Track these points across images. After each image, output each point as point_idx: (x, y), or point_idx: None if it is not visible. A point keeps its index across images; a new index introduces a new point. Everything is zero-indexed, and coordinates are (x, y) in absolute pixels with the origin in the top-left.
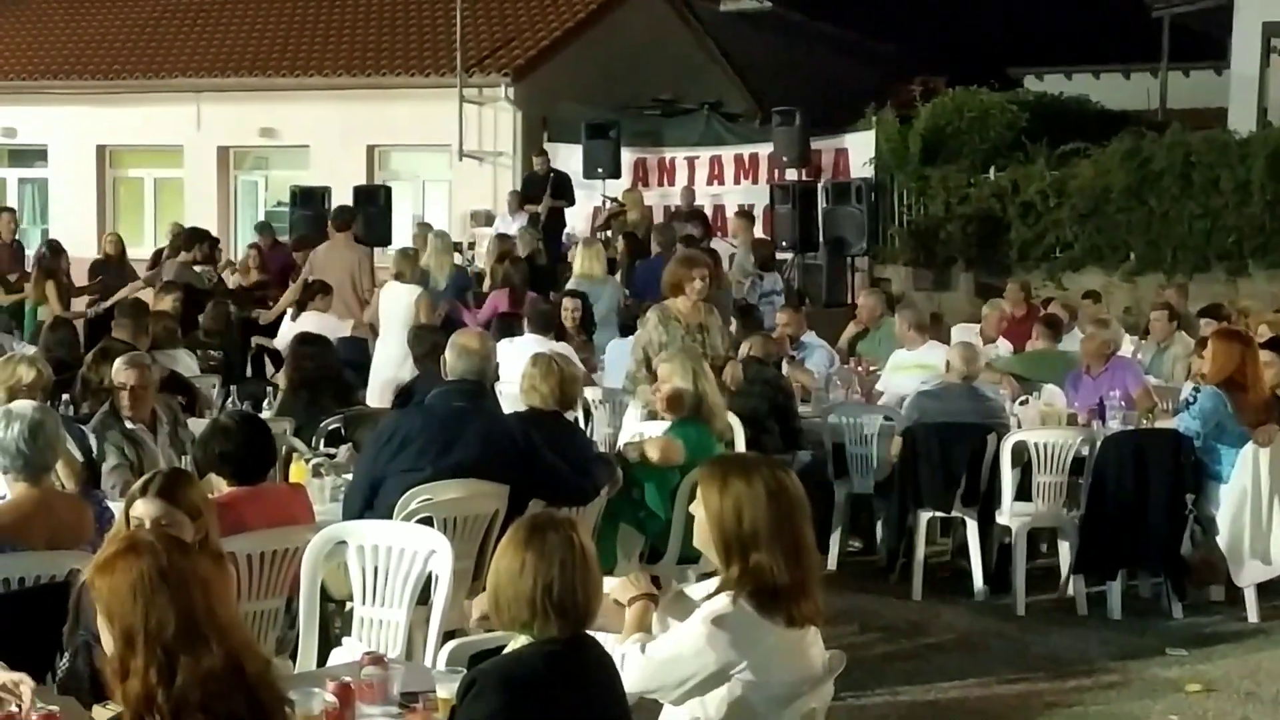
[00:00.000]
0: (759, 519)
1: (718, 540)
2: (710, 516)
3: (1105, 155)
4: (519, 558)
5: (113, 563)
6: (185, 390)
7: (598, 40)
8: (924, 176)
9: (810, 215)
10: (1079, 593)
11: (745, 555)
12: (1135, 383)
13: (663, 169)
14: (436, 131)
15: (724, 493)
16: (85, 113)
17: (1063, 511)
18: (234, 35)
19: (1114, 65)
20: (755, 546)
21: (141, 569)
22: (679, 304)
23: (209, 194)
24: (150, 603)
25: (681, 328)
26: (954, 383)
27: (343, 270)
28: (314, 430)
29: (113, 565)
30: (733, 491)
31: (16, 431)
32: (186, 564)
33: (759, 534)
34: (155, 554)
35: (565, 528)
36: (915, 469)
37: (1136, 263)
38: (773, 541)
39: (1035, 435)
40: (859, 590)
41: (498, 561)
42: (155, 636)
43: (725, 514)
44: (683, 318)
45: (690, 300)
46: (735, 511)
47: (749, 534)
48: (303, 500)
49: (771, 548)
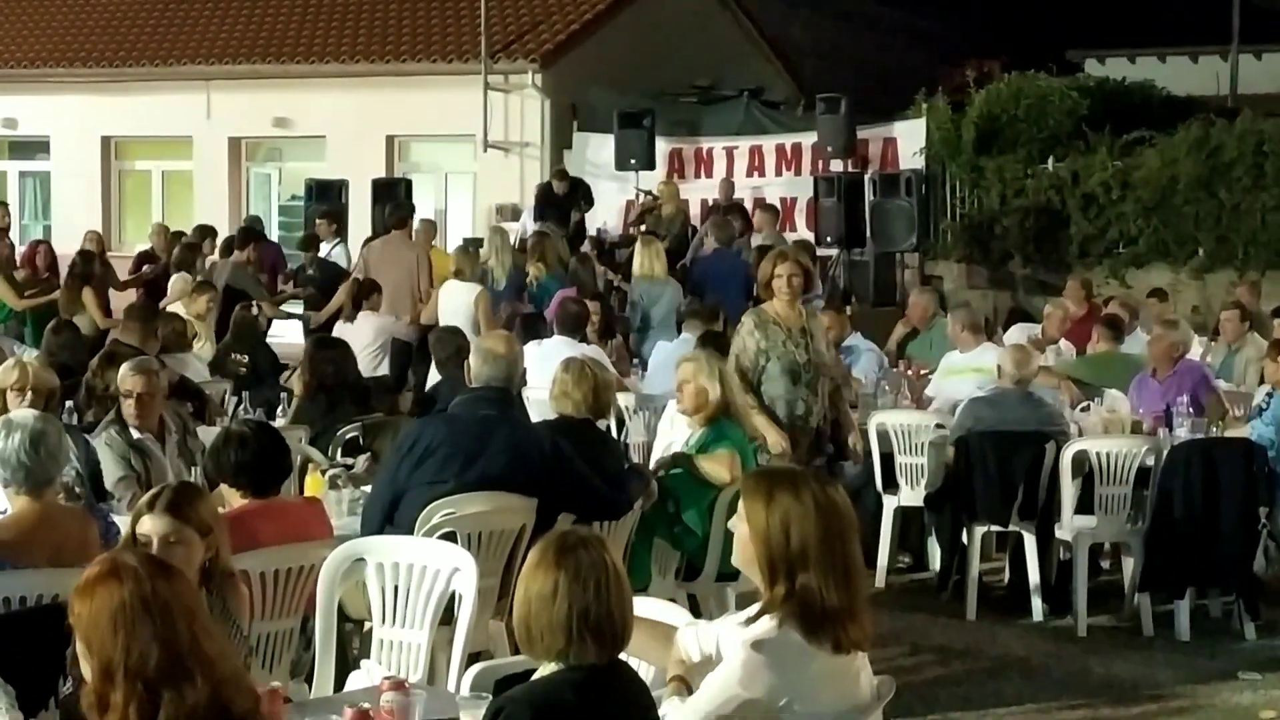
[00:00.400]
0: (808, 537)
1: (763, 559)
2: (755, 534)
3: (1172, 144)
4: (550, 581)
5: (92, 587)
6: (195, 396)
7: (630, 23)
8: (978, 167)
9: (856, 209)
10: (1144, 613)
11: (792, 576)
12: (1204, 388)
13: (700, 160)
14: (460, 121)
15: (770, 508)
16: (89, 102)
17: (1127, 526)
18: (246, 20)
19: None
20: (803, 567)
21: (123, 596)
22: (775, 306)
23: (219, 187)
24: (132, 634)
25: (782, 332)
26: (1009, 388)
27: (400, 269)
28: (331, 438)
29: (92, 590)
30: (780, 507)
31: (17, 442)
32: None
33: (808, 553)
34: (138, 579)
35: (596, 547)
36: (969, 480)
37: (1206, 259)
38: (822, 562)
39: (1097, 444)
40: (909, 610)
41: (526, 585)
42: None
43: (772, 531)
44: (782, 321)
45: (785, 300)
46: (783, 529)
47: (797, 553)
48: (319, 515)
49: (821, 568)
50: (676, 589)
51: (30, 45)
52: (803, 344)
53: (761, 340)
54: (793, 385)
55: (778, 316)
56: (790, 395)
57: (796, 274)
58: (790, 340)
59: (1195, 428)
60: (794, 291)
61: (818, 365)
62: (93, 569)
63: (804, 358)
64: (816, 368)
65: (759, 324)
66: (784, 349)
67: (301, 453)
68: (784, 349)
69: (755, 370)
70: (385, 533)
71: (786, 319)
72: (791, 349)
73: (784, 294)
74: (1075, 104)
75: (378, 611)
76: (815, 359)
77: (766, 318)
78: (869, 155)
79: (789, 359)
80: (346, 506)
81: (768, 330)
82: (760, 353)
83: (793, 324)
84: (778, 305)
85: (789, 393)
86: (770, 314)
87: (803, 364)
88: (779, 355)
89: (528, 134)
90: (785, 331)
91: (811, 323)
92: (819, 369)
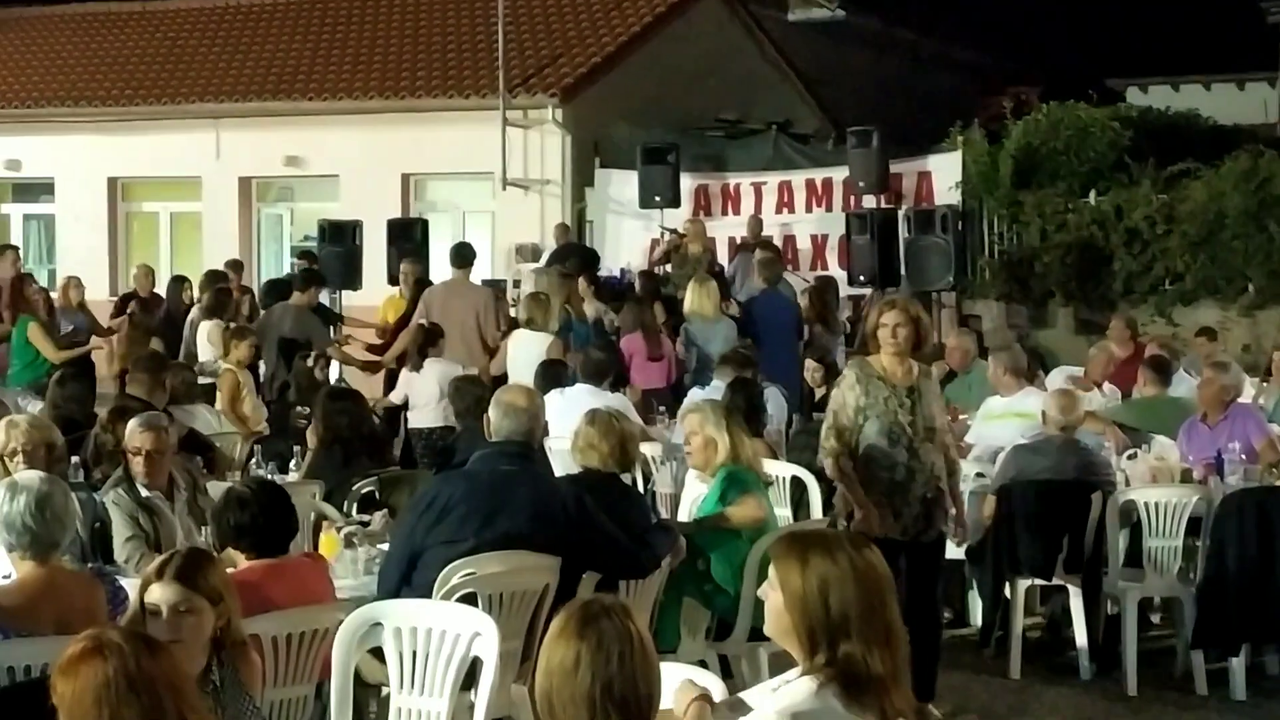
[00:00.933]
0: (848, 602)
1: (800, 627)
2: (791, 600)
3: (1219, 176)
4: (572, 652)
5: (75, 666)
6: (205, 450)
7: (654, 56)
8: (1017, 202)
9: (890, 246)
10: (1197, 670)
11: (834, 644)
12: (1257, 433)
13: (726, 196)
14: (478, 158)
15: (806, 572)
16: (95, 142)
17: (1177, 579)
18: (255, 57)
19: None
20: (845, 635)
21: (107, 674)
22: (883, 359)
23: (229, 229)
24: (116, 714)
25: (886, 389)
26: (1053, 435)
27: (466, 313)
28: (346, 493)
29: (75, 669)
30: (816, 571)
31: (22, 505)
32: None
33: (849, 619)
34: (123, 657)
35: (621, 615)
36: (1012, 531)
37: (1256, 295)
38: (865, 628)
39: (1145, 494)
40: (950, 667)
41: (548, 657)
42: None
43: (809, 597)
44: (887, 376)
45: (891, 353)
46: (821, 594)
47: (838, 621)
48: (321, 573)
49: (863, 635)
50: (707, 650)
51: (34, 84)
52: (908, 404)
53: (862, 396)
54: (890, 448)
55: (883, 371)
56: (887, 460)
57: (903, 324)
58: (894, 398)
59: (1248, 476)
60: (899, 345)
61: (926, 429)
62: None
63: (908, 419)
64: (924, 431)
65: (861, 378)
66: (885, 408)
67: (315, 509)
68: (885, 408)
69: (853, 429)
70: (402, 594)
71: (893, 376)
72: (894, 408)
73: (889, 346)
74: (1117, 135)
75: (395, 678)
76: (923, 421)
77: (871, 371)
78: (903, 190)
79: (889, 419)
80: (363, 566)
81: (869, 385)
82: (859, 410)
83: (899, 380)
84: (884, 358)
85: (885, 456)
86: (876, 368)
87: (905, 425)
88: (879, 414)
89: (548, 171)
90: (889, 388)
91: (923, 382)
92: (928, 433)
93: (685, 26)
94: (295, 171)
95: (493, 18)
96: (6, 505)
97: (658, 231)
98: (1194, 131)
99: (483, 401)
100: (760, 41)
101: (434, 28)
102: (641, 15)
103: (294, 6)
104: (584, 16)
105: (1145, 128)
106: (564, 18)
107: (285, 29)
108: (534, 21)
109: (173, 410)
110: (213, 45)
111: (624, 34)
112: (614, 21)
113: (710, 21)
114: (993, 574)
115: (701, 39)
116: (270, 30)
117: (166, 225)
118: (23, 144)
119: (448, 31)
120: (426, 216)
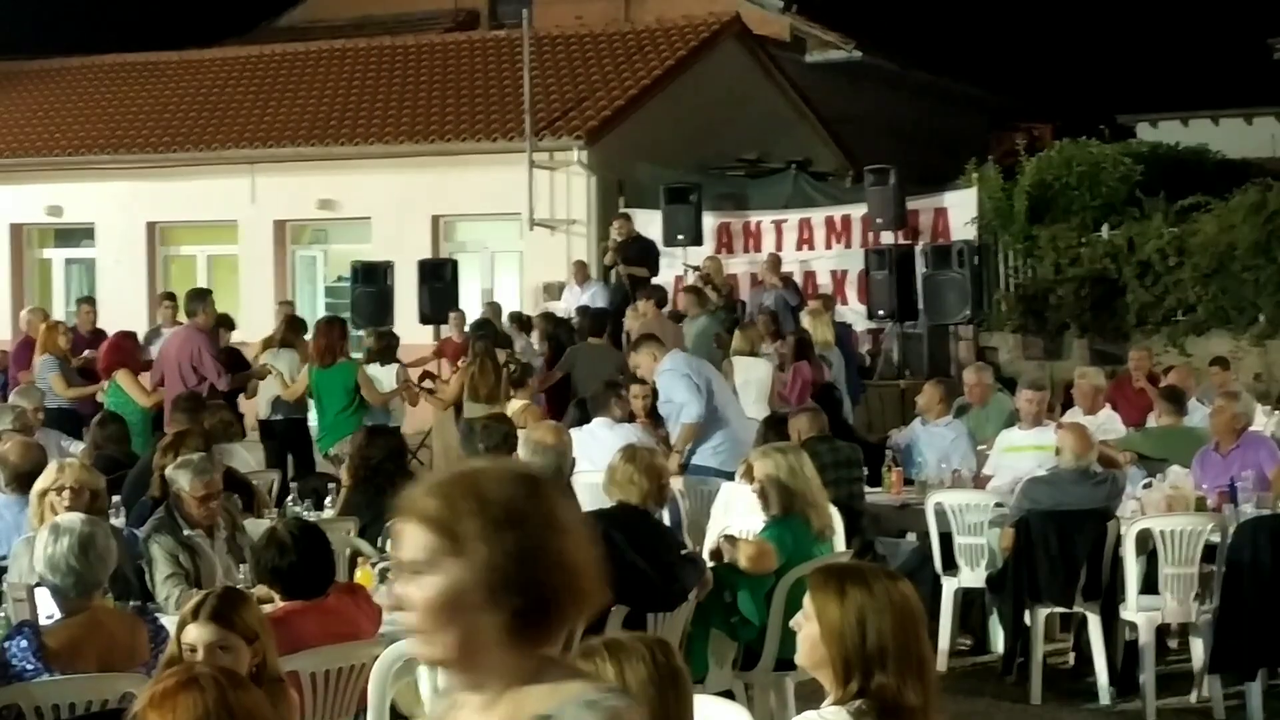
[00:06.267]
0: (885, 634)
1: (837, 658)
2: (828, 632)
3: (1229, 209)
4: None
5: (172, 698)
6: (243, 489)
7: (675, 98)
8: (1031, 236)
9: (908, 281)
10: (1215, 695)
11: (868, 675)
12: (1270, 461)
13: (748, 234)
14: (505, 200)
15: (844, 605)
16: (134, 188)
17: (1194, 605)
18: (289, 103)
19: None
20: (880, 666)
21: (206, 706)
22: None
23: (265, 270)
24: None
25: None
26: (1066, 466)
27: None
28: (380, 528)
29: (172, 702)
30: (853, 603)
31: (66, 547)
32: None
33: (886, 651)
34: (219, 688)
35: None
36: (1031, 560)
37: (1267, 325)
38: (899, 659)
39: (1161, 522)
40: (972, 694)
41: None
42: None
43: (847, 629)
44: None
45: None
46: (859, 626)
47: (874, 651)
48: (364, 603)
49: (898, 666)
50: (734, 679)
51: (75, 132)
52: None
53: None
54: None
55: None
56: None
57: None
58: None
59: (1261, 503)
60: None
61: None
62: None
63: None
64: None
65: None
66: None
67: (351, 545)
68: None
69: None
70: None
71: None
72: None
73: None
74: (1128, 170)
75: (431, 711)
76: None
77: None
78: (920, 226)
79: None
80: None
81: None
82: None
83: None
84: None
85: None
86: None
87: None
88: None
89: (574, 211)
90: None
91: None
92: None
93: (705, 69)
94: (328, 214)
95: (519, 64)
96: (50, 547)
97: (681, 269)
98: (1203, 166)
99: (510, 438)
100: (779, 83)
101: (462, 74)
102: (663, 59)
103: (326, 54)
104: (607, 61)
105: (1156, 162)
106: (588, 62)
107: (317, 77)
108: (559, 67)
109: (211, 449)
110: (247, 93)
111: (646, 77)
112: (636, 65)
113: (730, 64)
114: (1013, 602)
115: (721, 81)
116: (303, 78)
117: (204, 268)
118: (64, 190)
119: (475, 77)
120: (456, 257)
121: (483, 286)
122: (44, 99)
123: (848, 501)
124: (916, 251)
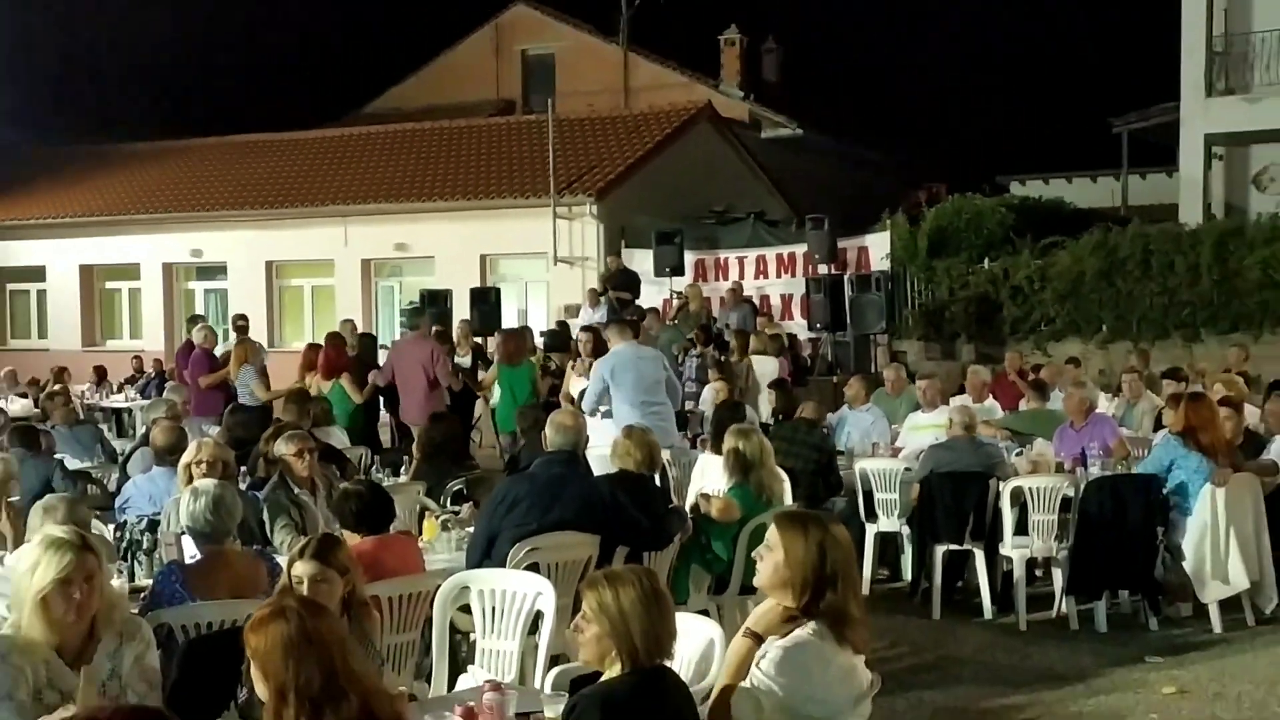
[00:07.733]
0: (838, 562)
1: (799, 580)
2: (793, 560)
3: (1079, 246)
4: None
5: (265, 625)
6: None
7: (665, 164)
8: (931, 267)
9: (839, 301)
10: (1071, 611)
11: (822, 593)
12: (1112, 435)
13: (718, 267)
14: (535, 241)
15: (807, 540)
16: (256, 235)
17: (1055, 544)
18: (373, 170)
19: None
20: (833, 586)
21: (289, 632)
22: None
23: (354, 298)
24: (300, 662)
25: None
26: (959, 435)
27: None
28: (441, 491)
29: (265, 627)
30: (814, 538)
31: (203, 505)
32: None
33: (838, 574)
34: (300, 618)
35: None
36: (932, 510)
37: (1108, 333)
38: (846, 581)
39: (1030, 481)
40: (888, 613)
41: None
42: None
43: (809, 558)
44: None
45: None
46: (819, 555)
47: (830, 574)
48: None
49: (845, 586)
50: (708, 601)
51: (211, 193)
52: None
53: None
54: None
55: None
56: None
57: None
58: None
59: (1105, 466)
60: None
61: None
62: (262, 611)
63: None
64: None
65: None
66: None
67: (420, 503)
68: None
69: None
70: (484, 565)
71: None
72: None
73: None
74: (1004, 217)
75: (480, 626)
76: None
77: None
78: (848, 260)
79: None
80: (455, 544)
81: None
82: None
83: None
84: None
85: None
86: None
87: None
88: None
89: (587, 250)
90: None
91: None
92: None
93: (686, 143)
94: (403, 254)
95: (545, 140)
96: (191, 504)
97: (668, 294)
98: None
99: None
100: (741, 153)
101: (502, 148)
102: (654, 136)
103: (400, 134)
104: (612, 137)
105: (1025, 211)
106: (598, 138)
107: (394, 150)
108: (575, 141)
109: (314, 432)
110: (341, 162)
111: (643, 149)
112: (634, 141)
113: (704, 139)
114: (918, 541)
115: (698, 152)
116: (382, 152)
117: (309, 296)
118: (203, 237)
119: (512, 150)
120: (499, 285)
121: (519, 308)
122: (187, 169)
123: (812, 473)
124: (845, 279)
